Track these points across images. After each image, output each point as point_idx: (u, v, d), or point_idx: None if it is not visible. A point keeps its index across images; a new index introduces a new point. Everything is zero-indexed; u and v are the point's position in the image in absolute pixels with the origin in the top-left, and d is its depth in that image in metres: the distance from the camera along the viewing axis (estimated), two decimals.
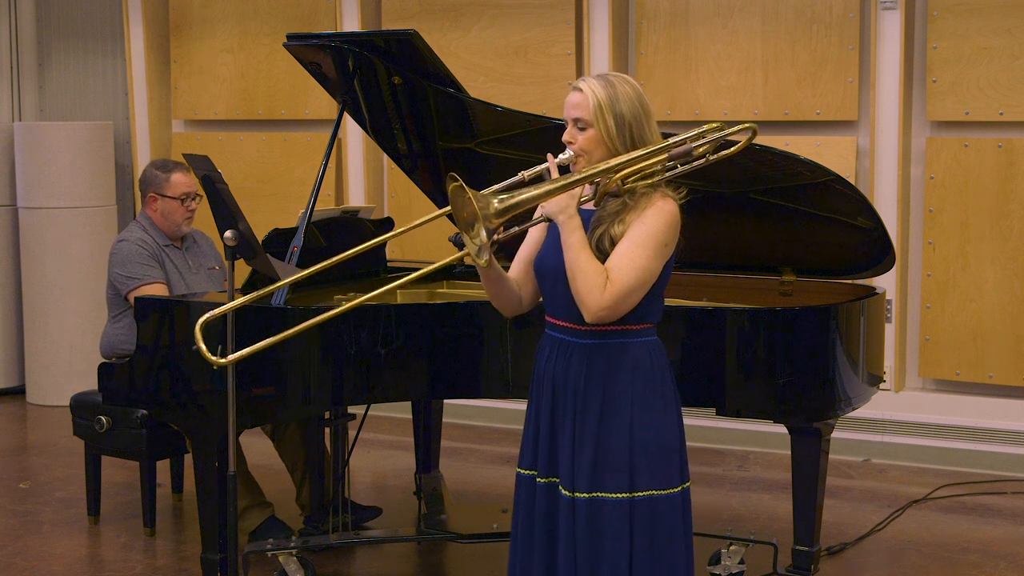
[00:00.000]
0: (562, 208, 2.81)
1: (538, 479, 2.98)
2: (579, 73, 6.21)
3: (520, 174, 2.87)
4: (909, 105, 5.78)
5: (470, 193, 2.70)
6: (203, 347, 2.93)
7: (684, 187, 2.94)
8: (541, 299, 3.08)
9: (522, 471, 3.03)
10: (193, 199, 4.95)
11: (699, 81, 6.08)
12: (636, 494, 2.88)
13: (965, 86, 5.61)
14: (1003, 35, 5.54)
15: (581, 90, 2.88)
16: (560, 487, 2.93)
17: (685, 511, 2.97)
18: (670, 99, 6.13)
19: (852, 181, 5.66)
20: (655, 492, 2.90)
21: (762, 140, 4.07)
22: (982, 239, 5.64)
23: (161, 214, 4.93)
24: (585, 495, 2.88)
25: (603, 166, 2.84)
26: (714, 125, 3.01)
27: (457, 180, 2.72)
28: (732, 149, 3.04)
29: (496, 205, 2.72)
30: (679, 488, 2.95)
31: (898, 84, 5.69)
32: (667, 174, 2.91)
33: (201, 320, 2.98)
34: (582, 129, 2.88)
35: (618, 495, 2.87)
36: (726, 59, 6.02)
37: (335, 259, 3.12)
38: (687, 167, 2.96)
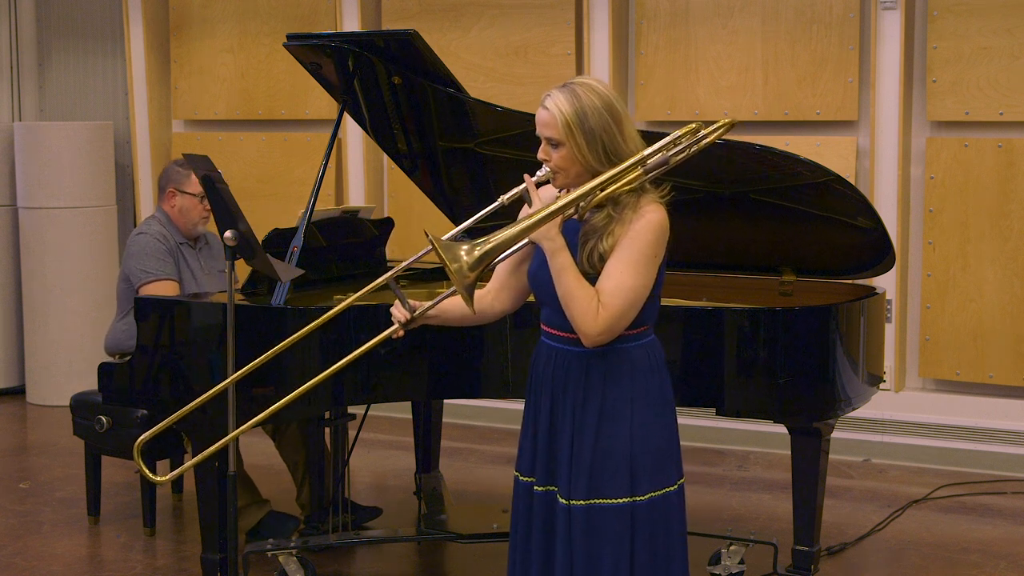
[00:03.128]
0: (544, 234, 2.78)
1: (536, 487, 2.98)
2: (579, 73, 6.21)
3: (499, 199, 2.85)
4: (909, 105, 5.78)
5: (441, 252, 2.65)
6: (143, 466, 3.30)
7: (666, 183, 2.90)
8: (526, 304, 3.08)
9: (521, 477, 3.02)
10: None
11: (699, 81, 6.08)
12: (637, 498, 2.88)
13: (965, 86, 5.61)
14: (1003, 35, 5.54)
15: (548, 109, 2.81)
16: (557, 496, 2.93)
17: (681, 507, 2.97)
18: (670, 99, 6.13)
19: (852, 181, 5.65)
20: (655, 494, 2.90)
21: (762, 140, 4.10)
22: (982, 239, 5.64)
23: (179, 210, 4.93)
24: (582, 502, 2.88)
25: (577, 193, 2.78)
26: (690, 127, 2.94)
27: (429, 237, 2.68)
28: (710, 138, 2.94)
29: (465, 259, 2.67)
30: (676, 485, 2.95)
31: (898, 84, 5.69)
32: (648, 175, 2.85)
33: (139, 441, 3.30)
34: (555, 147, 2.82)
35: (619, 500, 2.87)
36: (726, 59, 6.02)
37: (355, 297, 3.14)
38: (667, 167, 2.88)
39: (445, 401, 5.23)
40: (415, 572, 4.64)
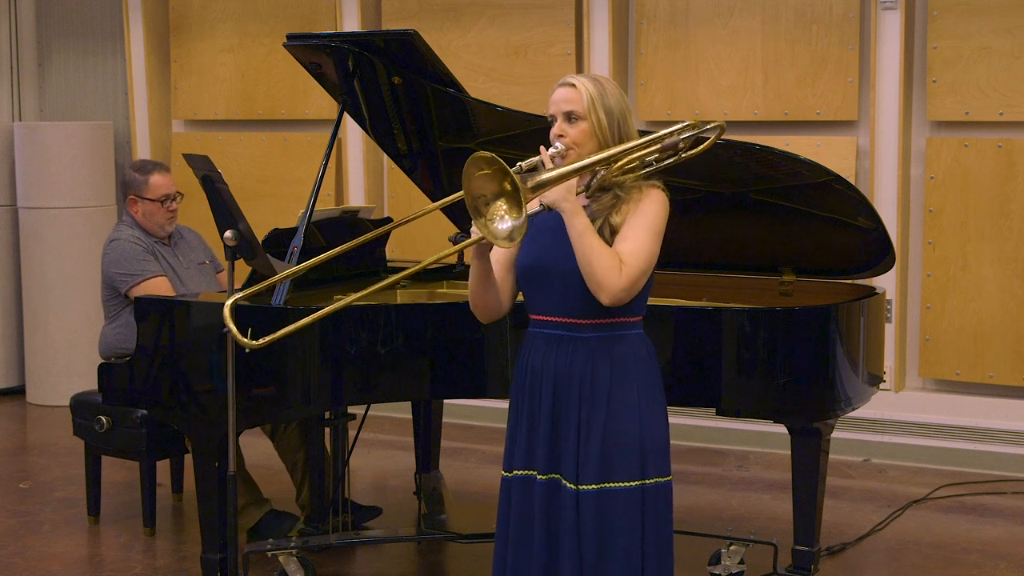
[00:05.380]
0: (563, 196, 2.84)
1: (538, 477, 2.98)
2: (579, 72, 6.21)
3: (517, 165, 2.89)
4: (909, 105, 5.78)
5: (505, 166, 2.70)
6: (234, 329, 2.98)
7: (660, 180, 2.99)
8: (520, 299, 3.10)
9: (516, 472, 3.02)
10: (173, 200, 4.93)
11: (699, 81, 6.08)
12: (647, 481, 2.92)
13: (965, 86, 5.61)
14: (1003, 35, 5.54)
15: (573, 85, 2.94)
16: (564, 482, 2.94)
17: (672, 500, 3.02)
18: (670, 99, 6.13)
19: (852, 181, 5.66)
20: (660, 479, 2.95)
21: (762, 140, 4.10)
22: (982, 239, 5.64)
23: (143, 215, 4.91)
24: (593, 487, 2.90)
25: (607, 153, 2.90)
26: (692, 122, 3.07)
27: (490, 154, 2.71)
28: (702, 146, 3.07)
29: (531, 181, 2.76)
30: (670, 476, 3.00)
31: (898, 84, 5.69)
32: (644, 170, 2.97)
33: (229, 302, 3.01)
34: (574, 122, 2.93)
35: (630, 483, 2.90)
36: (726, 59, 6.02)
37: (331, 253, 3.14)
38: (661, 165, 3.00)
39: (445, 401, 5.23)
40: (415, 572, 4.64)
